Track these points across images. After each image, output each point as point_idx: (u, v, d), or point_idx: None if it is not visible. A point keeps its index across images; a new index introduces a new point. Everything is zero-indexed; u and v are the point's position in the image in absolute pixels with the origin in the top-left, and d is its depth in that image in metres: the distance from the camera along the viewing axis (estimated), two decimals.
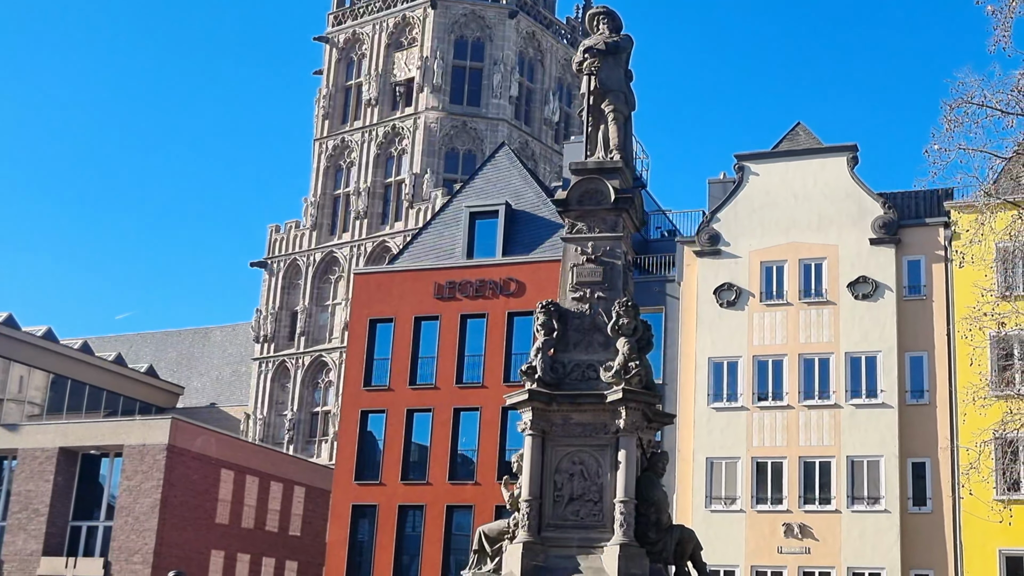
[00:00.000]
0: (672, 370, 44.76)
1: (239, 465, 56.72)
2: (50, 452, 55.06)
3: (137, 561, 51.45)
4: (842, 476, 42.05)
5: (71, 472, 55.47)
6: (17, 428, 59.53)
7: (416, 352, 49.74)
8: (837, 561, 41.33)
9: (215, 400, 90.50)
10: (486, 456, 47.17)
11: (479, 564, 19.09)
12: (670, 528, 18.54)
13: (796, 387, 43.41)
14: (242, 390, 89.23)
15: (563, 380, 18.69)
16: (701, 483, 43.34)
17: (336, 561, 48.91)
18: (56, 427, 58.40)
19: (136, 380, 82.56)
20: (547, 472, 18.28)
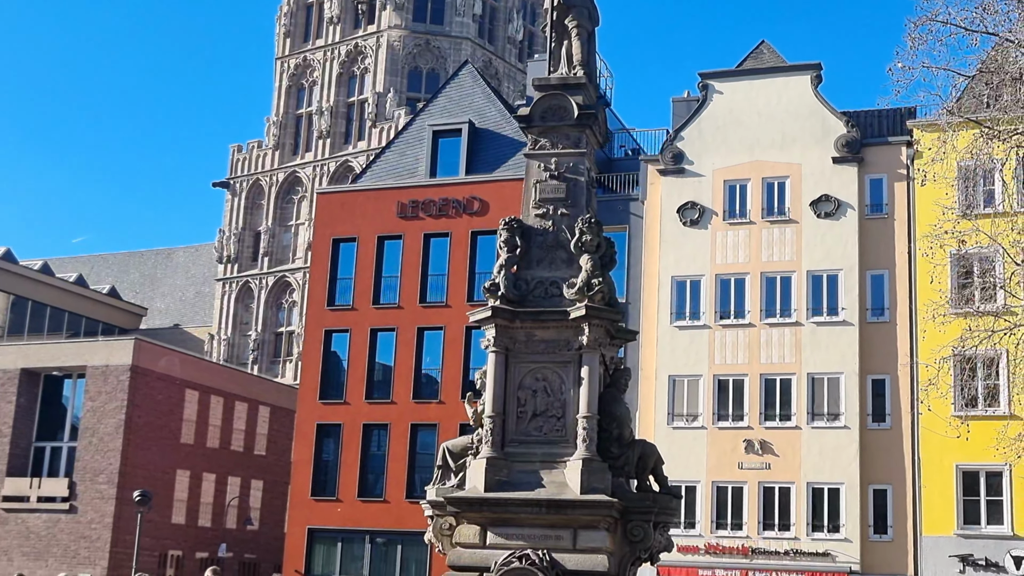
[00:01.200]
0: (635, 289, 44.94)
1: (203, 385, 56.75)
2: (11, 373, 54.85)
3: (102, 481, 51.55)
4: (802, 393, 42.50)
5: (33, 393, 55.32)
6: None
7: (379, 271, 49.69)
8: (797, 476, 41.88)
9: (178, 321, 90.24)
10: (450, 375, 47.37)
11: (443, 480, 19.18)
12: (632, 443, 18.65)
13: (758, 305, 43.69)
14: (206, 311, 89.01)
15: (526, 297, 18.68)
16: (663, 400, 43.72)
17: (301, 480, 49.18)
18: (17, 348, 58.14)
19: (98, 301, 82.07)
20: (510, 389, 18.32)
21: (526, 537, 17.43)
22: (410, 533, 43.88)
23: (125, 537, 49.38)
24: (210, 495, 56.71)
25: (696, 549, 41.83)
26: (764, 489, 42.27)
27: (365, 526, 47.44)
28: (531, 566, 16.89)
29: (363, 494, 48.03)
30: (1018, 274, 29.14)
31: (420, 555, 45.79)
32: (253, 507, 58.82)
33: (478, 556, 17.56)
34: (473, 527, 17.87)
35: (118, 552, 50.10)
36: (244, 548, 56.99)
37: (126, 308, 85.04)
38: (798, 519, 41.60)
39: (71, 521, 51.84)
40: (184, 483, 55.22)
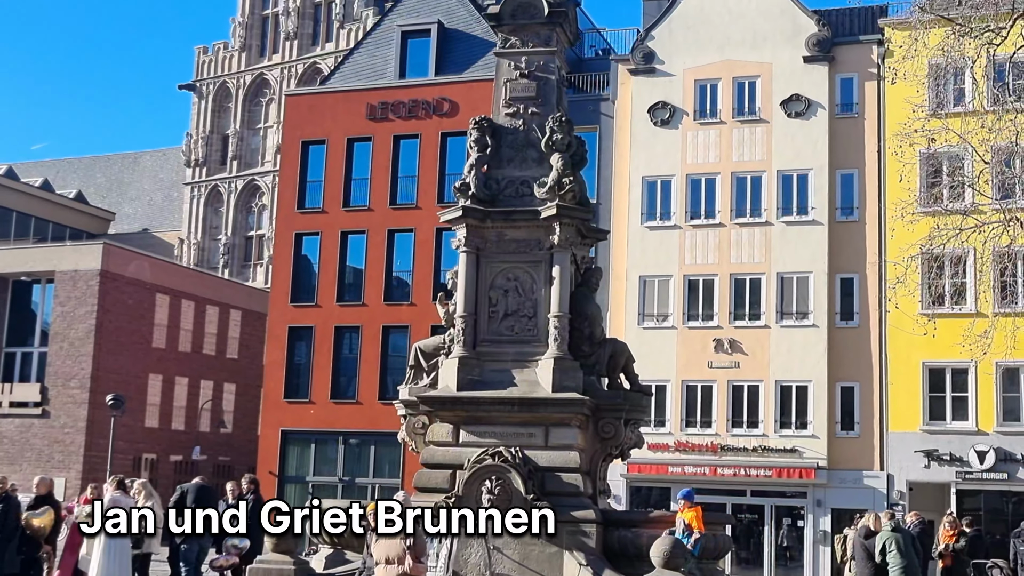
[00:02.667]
0: (606, 189, 44.90)
1: (174, 290, 56.60)
2: None
3: (74, 386, 51.58)
4: (771, 292, 42.76)
5: (2, 299, 55.11)
6: None
7: (349, 174, 49.44)
8: (766, 375, 42.31)
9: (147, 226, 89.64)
10: (421, 277, 47.40)
11: (415, 379, 19.30)
12: (603, 342, 18.79)
13: (728, 205, 43.76)
14: (175, 215, 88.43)
15: (497, 196, 18.66)
16: (634, 301, 43.92)
17: (274, 383, 49.35)
18: None
19: (65, 206, 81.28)
20: (482, 288, 18.38)
21: (498, 435, 17.62)
22: (383, 434, 44.18)
23: (99, 441, 49.53)
24: (183, 399, 56.86)
25: (666, 447, 42.33)
26: (733, 387, 42.70)
27: (338, 427, 47.76)
28: (504, 463, 17.09)
29: (336, 396, 48.29)
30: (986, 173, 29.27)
31: (393, 455, 46.18)
32: (226, 410, 59.06)
33: (451, 454, 17.75)
34: (446, 426, 18.04)
35: (92, 456, 50.30)
36: (218, 451, 57.29)
37: (93, 213, 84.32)
38: (766, 417, 42.11)
39: (44, 426, 51.95)
40: (157, 387, 55.31)
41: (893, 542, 20.01)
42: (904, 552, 19.94)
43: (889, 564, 19.99)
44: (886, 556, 20.03)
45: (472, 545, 16.84)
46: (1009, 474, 39.76)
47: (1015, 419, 40.09)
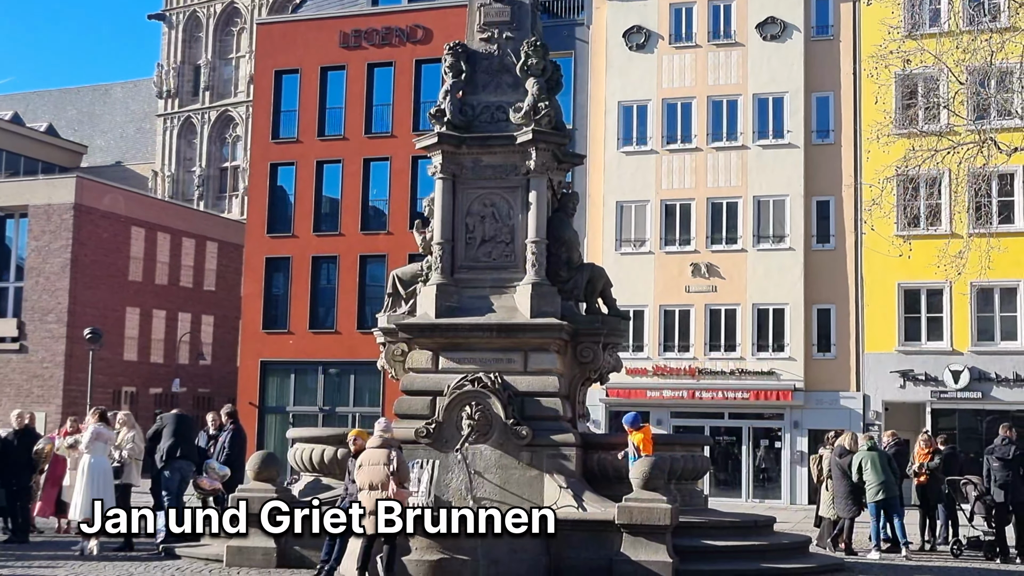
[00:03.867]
0: (582, 115, 44.72)
1: (149, 222, 56.32)
2: None
3: (52, 320, 51.46)
4: (748, 216, 42.82)
5: None
6: None
7: (323, 103, 49.11)
8: (743, 298, 42.49)
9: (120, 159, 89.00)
10: (397, 205, 47.28)
11: (394, 307, 19.32)
12: (581, 267, 18.83)
13: (704, 130, 43.68)
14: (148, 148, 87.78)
15: (472, 122, 18.58)
16: (611, 227, 43.94)
17: (252, 314, 49.32)
18: None
19: (36, 140, 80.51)
20: (458, 215, 18.35)
21: (477, 361, 17.69)
22: (362, 363, 44.19)
23: (78, 375, 49.51)
24: (161, 332, 56.80)
25: (644, 372, 42.58)
26: (711, 311, 42.89)
27: (317, 357, 47.86)
28: (483, 389, 17.18)
29: (314, 326, 48.31)
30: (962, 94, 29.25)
31: (373, 384, 46.31)
32: (205, 342, 59.05)
33: (431, 380, 17.83)
34: (425, 352, 18.09)
35: (71, 390, 50.30)
36: (197, 383, 57.38)
37: (65, 146, 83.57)
38: (744, 340, 42.36)
39: (22, 361, 51.88)
40: (134, 320, 55.23)
41: (869, 461, 20.27)
42: (881, 470, 20.21)
43: (866, 483, 20.25)
44: (863, 475, 20.29)
45: (453, 470, 16.98)
46: (983, 393, 40.18)
47: (989, 339, 40.45)
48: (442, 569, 14.47)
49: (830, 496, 20.87)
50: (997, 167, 30.59)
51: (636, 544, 15.24)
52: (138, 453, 19.22)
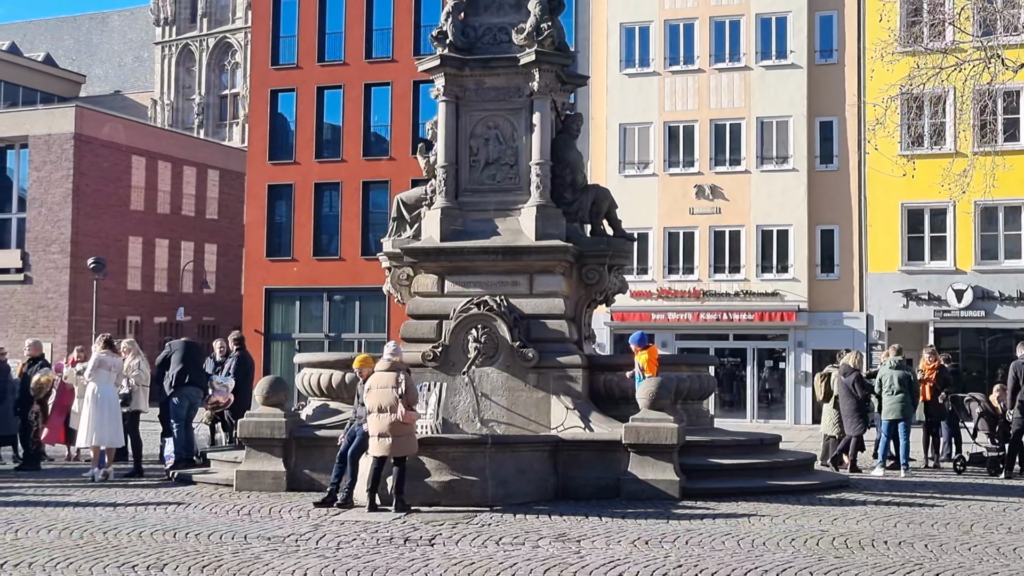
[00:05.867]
0: (584, 37, 44.32)
1: (150, 151, 56.14)
2: None
3: (55, 251, 51.50)
4: (751, 137, 42.62)
5: None
6: None
7: (323, 27, 48.72)
8: (747, 220, 42.41)
9: (119, 87, 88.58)
10: (399, 131, 47.09)
11: (398, 231, 19.30)
12: (585, 188, 18.78)
13: (707, 50, 43.33)
14: (146, 76, 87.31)
15: (475, 44, 18.43)
16: (615, 149, 43.76)
17: (255, 242, 49.31)
18: None
19: (34, 70, 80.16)
20: (462, 138, 18.27)
21: (483, 284, 17.71)
22: (367, 289, 44.36)
23: (82, 305, 49.67)
24: (164, 261, 56.86)
25: (649, 294, 42.64)
26: (715, 233, 42.83)
27: (322, 284, 47.95)
28: (489, 312, 17.20)
29: (318, 253, 48.35)
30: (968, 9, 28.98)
31: (378, 310, 46.46)
32: (208, 271, 59.12)
33: (437, 304, 17.86)
34: (431, 276, 18.11)
35: (76, 320, 50.48)
36: (202, 311, 57.53)
37: (63, 76, 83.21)
38: (748, 261, 42.35)
39: (27, 291, 51.99)
40: (137, 250, 55.26)
41: (895, 379, 20.28)
42: (902, 389, 20.26)
43: (884, 400, 20.32)
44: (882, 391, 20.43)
45: (460, 392, 17.06)
46: (986, 312, 40.25)
47: (992, 258, 40.42)
48: (451, 490, 14.59)
49: (837, 415, 20.97)
50: (1003, 84, 30.37)
51: (643, 463, 15.35)
52: (144, 380, 19.30)
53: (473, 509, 14.24)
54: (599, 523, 13.28)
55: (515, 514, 13.92)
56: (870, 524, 13.36)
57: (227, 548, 11.50)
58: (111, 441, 18.05)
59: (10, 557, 10.96)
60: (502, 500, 14.65)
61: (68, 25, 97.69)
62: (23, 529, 12.63)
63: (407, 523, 13.16)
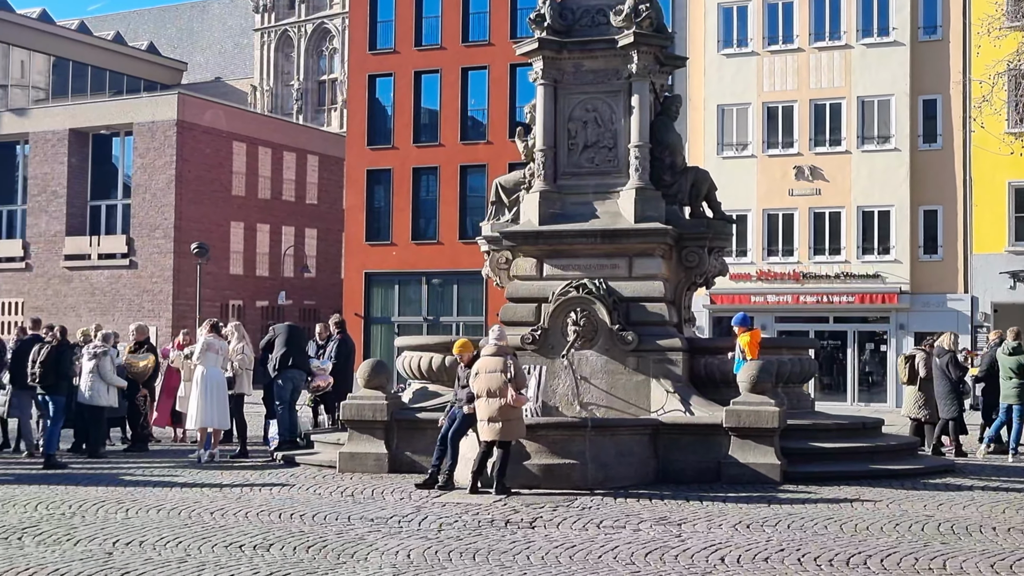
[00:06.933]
0: (681, 17, 43.98)
1: (250, 137, 56.87)
2: (60, 134, 55.22)
3: (159, 236, 52.46)
4: (852, 117, 41.99)
5: (84, 153, 55.78)
6: (26, 112, 59.52)
7: (420, 11, 48.95)
8: (847, 201, 41.84)
9: (219, 75, 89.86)
10: (496, 114, 47.19)
11: (497, 215, 19.37)
12: (684, 170, 18.66)
13: (806, 29, 42.73)
14: (246, 63, 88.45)
15: (573, 27, 18.39)
16: (712, 130, 43.42)
17: (355, 227, 49.81)
18: (64, 109, 58.37)
19: (137, 58, 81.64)
20: (560, 121, 18.26)
21: (582, 267, 17.70)
22: (465, 272, 44.63)
23: (186, 289, 50.56)
24: (265, 245, 57.61)
25: (748, 276, 42.28)
26: (814, 214, 42.33)
27: (420, 268, 48.28)
28: (588, 295, 17.18)
29: (416, 237, 48.69)
30: None
31: (475, 293, 46.66)
32: (309, 255, 59.78)
33: (535, 288, 17.89)
34: (529, 260, 18.14)
35: (180, 304, 51.41)
36: (303, 295, 58.22)
37: (166, 64, 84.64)
38: (848, 243, 41.77)
39: (132, 276, 53.05)
40: (239, 235, 56.06)
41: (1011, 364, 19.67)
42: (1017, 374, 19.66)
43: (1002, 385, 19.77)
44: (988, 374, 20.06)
45: (559, 376, 17.08)
46: None
47: None
48: (551, 473, 14.63)
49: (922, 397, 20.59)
50: None
51: (744, 447, 15.25)
52: (248, 363, 19.57)
53: (573, 492, 14.27)
54: (700, 507, 13.24)
55: (615, 497, 13.93)
56: (977, 510, 13.13)
57: (331, 529, 11.66)
58: (218, 423, 18.38)
59: (121, 536, 11.23)
60: (602, 483, 14.66)
61: (170, 14, 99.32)
62: (133, 509, 12.93)
63: (508, 506, 13.23)
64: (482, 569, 9.80)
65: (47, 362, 17.88)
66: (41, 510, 12.86)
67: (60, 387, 18.16)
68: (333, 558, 10.21)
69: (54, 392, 18.06)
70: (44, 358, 17.89)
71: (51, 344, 18.14)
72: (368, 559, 10.15)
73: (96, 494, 14.14)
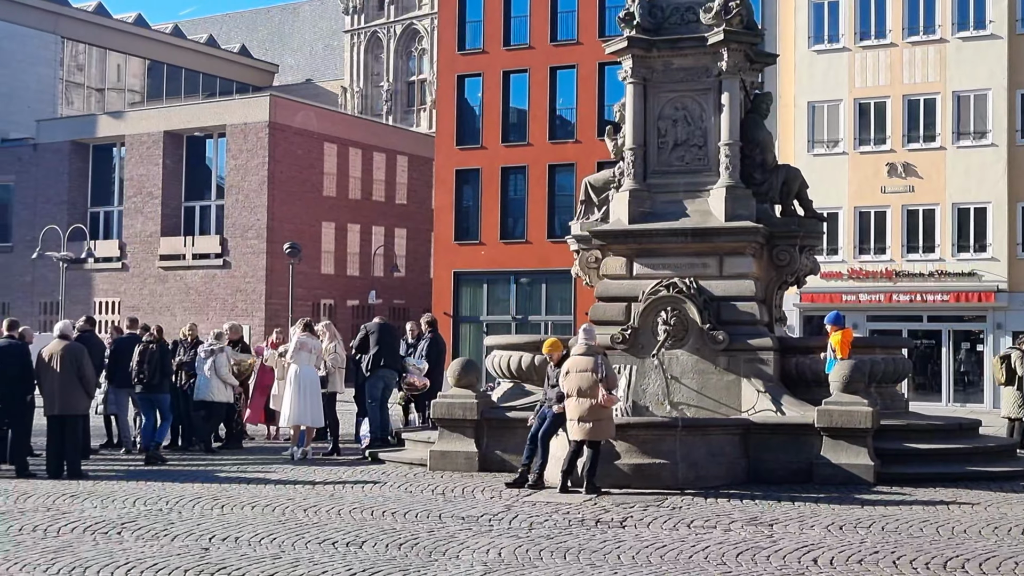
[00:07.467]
0: (771, 14, 43.58)
1: (341, 138, 57.39)
2: (155, 136, 56.20)
3: (252, 236, 53.14)
4: (947, 112, 41.31)
5: (178, 155, 56.71)
6: (122, 115, 60.66)
7: (508, 12, 49.07)
8: (942, 198, 41.16)
9: (310, 76, 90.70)
10: (585, 114, 47.14)
11: (586, 214, 19.36)
12: (775, 168, 18.51)
13: (899, 23, 42.12)
14: (336, 64, 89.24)
15: (662, 25, 18.32)
16: (803, 127, 42.98)
17: (444, 226, 50.06)
18: (159, 111, 59.38)
19: (230, 61, 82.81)
20: (650, 119, 18.21)
21: (672, 266, 17.63)
22: (553, 272, 44.68)
23: (278, 289, 51.18)
24: (356, 245, 58.08)
25: (839, 275, 41.78)
26: (908, 212, 41.71)
27: (509, 267, 48.37)
28: (678, 294, 17.11)
29: (505, 236, 48.80)
30: None
31: (564, 292, 46.64)
32: (398, 254, 60.17)
33: (625, 286, 17.85)
34: (619, 259, 18.11)
35: (273, 303, 52.05)
36: (392, 294, 58.61)
37: (257, 66, 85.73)
38: (943, 240, 41.10)
39: (226, 276, 53.82)
40: (330, 235, 56.58)
41: None
42: None
43: None
44: None
45: (650, 375, 17.03)
46: None
47: None
48: (642, 473, 14.60)
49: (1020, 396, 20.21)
50: None
51: (837, 447, 15.09)
52: (340, 362, 19.76)
53: (663, 492, 14.23)
54: (791, 507, 13.13)
55: (706, 497, 13.87)
56: None
57: (422, 526, 11.75)
58: (312, 421, 18.60)
59: (217, 531, 11.42)
60: (692, 483, 14.60)
61: (261, 17, 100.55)
62: (228, 505, 13.13)
63: (598, 505, 13.23)
64: (572, 568, 9.81)
65: (153, 362, 18.25)
66: (139, 506, 13.12)
67: (164, 386, 18.60)
68: (425, 556, 10.29)
69: (159, 391, 18.45)
70: (151, 359, 18.25)
71: (155, 345, 18.50)
72: (459, 557, 10.22)
73: (192, 490, 14.40)
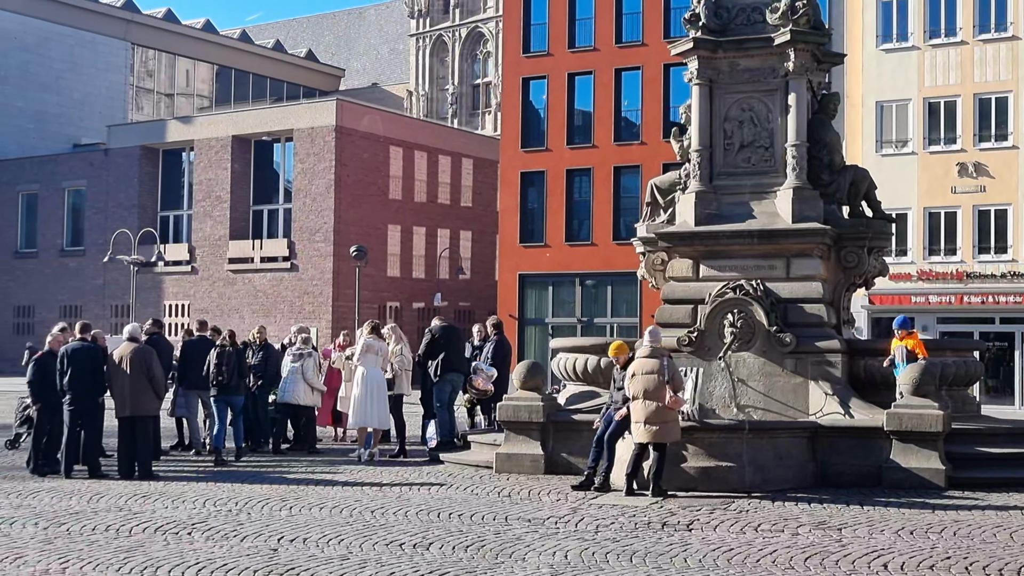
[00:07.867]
0: (838, 13, 43.19)
1: (406, 141, 57.64)
2: (224, 141, 56.79)
3: (319, 239, 53.53)
4: (1020, 111, 40.70)
5: (246, 159, 57.27)
6: (190, 120, 61.40)
7: (573, 15, 49.05)
8: (1014, 198, 40.57)
9: (375, 80, 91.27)
10: (650, 115, 47.00)
11: (652, 216, 19.31)
12: (843, 169, 18.35)
13: (970, 21, 41.58)
14: (401, 68, 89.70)
15: (728, 25, 18.24)
16: (871, 127, 42.56)
17: (509, 228, 50.13)
18: (227, 116, 60.00)
19: (296, 65, 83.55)
20: (716, 121, 18.13)
21: (738, 268, 17.54)
22: (618, 274, 44.58)
23: (345, 291, 51.52)
24: (421, 248, 58.32)
25: (908, 276, 41.31)
26: (979, 212, 41.15)
27: (574, 269, 48.34)
28: (745, 296, 17.02)
29: (570, 238, 48.78)
30: None
31: (629, 295, 46.53)
32: (463, 257, 60.33)
33: (692, 289, 17.79)
34: (685, 261, 18.04)
35: (340, 305, 52.40)
36: (458, 297, 58.78)
37: (324, 70, 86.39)
38: (1016, 241, 40.50)
39: (293, 279, 54.26)
40: (396, 237, 56.86)
41: None
42: None
43: None
44: None
45: (716, 378, 16.95)
46: None
47: None
48: (708, 476, 14.54)
49: None
50: None
51: (906, 451, 14.93)
52: (407, 364, 19.85)
53: (730, 495, 14.16)
54: (860, 511, 13.01)
55: (773, 500, 13.78)
56: None
57: (489, 529, 11.78)
58: (379, 423, 18.71)
59: (286, 532, 11.53)
60: (759, 486, 14.51)
61: (328, 21, 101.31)
62: (296, 506, 13.25)
63: (664, 508, 13.19)
64: (639, 571, 9.80)
65: (231, 365, 18.45)
66: (209, 506, 13.28)
67: (240, 388, 18.80)
68: (491, 558, 10.31)
69: (235, 393, 18.66)
70: (227, 361, 18.44)
71: (231, 348, 18.71)
72: (526, 559, 10.23)
73: (261, 491, 14.54)
